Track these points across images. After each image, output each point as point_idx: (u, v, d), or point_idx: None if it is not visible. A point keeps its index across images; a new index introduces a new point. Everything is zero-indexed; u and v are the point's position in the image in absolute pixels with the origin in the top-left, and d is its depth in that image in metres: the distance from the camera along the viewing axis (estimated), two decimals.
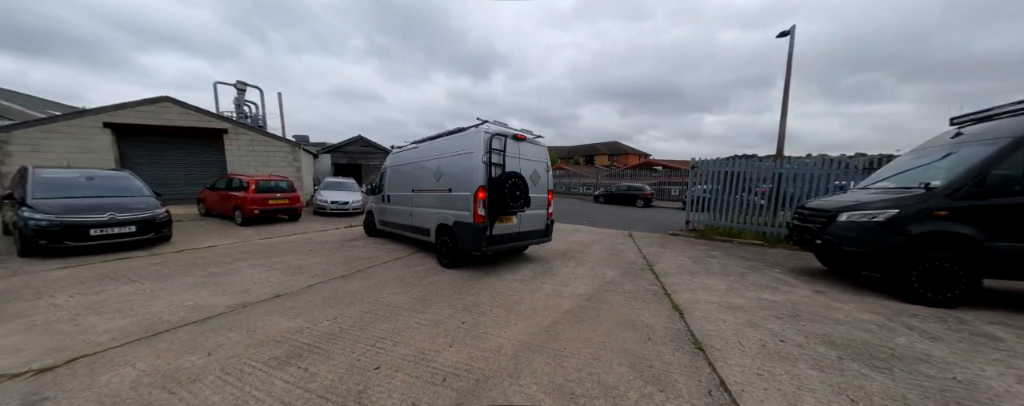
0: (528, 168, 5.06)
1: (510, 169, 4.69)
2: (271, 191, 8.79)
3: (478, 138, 4.47)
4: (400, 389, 2.01)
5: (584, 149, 62.17)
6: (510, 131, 4.85)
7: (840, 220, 4.26)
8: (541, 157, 5.40)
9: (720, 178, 8.45)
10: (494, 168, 4.49)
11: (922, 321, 3.19)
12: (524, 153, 5.03)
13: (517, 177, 4.52)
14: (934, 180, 3.89)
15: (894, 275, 3.79)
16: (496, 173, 4.50)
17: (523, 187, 4.57)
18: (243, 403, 1.88)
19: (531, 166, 5.14)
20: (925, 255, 3.58)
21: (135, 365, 2.24)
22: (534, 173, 5.18)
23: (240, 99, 19.99)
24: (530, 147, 5.17)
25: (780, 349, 2.61)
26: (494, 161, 4.49)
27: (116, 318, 2.98)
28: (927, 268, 3.58)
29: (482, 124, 4.66)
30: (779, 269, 5.20)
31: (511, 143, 4.79)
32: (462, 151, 4.74)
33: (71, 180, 6.02)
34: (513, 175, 4.50)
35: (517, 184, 4.49)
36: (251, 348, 2.49)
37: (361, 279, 4.28)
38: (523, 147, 5.03)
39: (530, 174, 5.06)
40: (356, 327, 2.87)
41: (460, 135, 4.94)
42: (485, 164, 4.38)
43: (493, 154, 4.48)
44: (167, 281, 4.06)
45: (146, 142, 10.92)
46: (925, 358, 2.50)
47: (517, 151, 4.91)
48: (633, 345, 2.63)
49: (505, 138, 4.67)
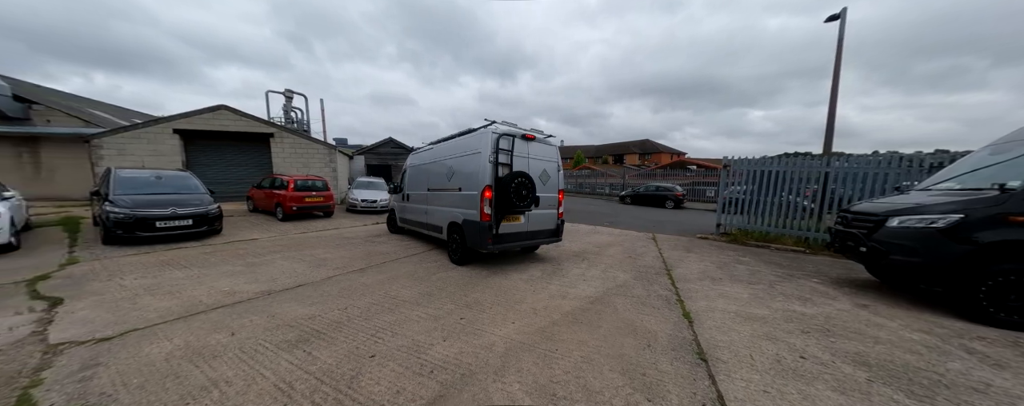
0: (537, 167, 5.06)
1: (518, 169, 4.71)
2: (308, 190, 9.52)
3: (485, 138, 4.54)
4: (389, 378, 2.13)
5: (613, 148, 60.42)
6: (519, 131, 4.87)
7: (889, 226, 3.78)
8: (552, 157, 5.36)
9: (756, 178, 7.85)
10: (501, 168, 4.53)
11: (988, 345, 2.76)
12: (533, 153, 5.03)
13: (524, 176, 4.54)
14: (1013, 180, 3.36)
15: (957, 290, 3.30)
16: (503, 173, 4.53)
17: (530, 186, 4.58)
18: (251, 379, 2.08)
19: (540, 165, 5.12)
20: (998, 268, 3.11)
21: (172, 340, 2.57)
22: (544, 173, 5.16)
23: (288, 106, 21.86)
24: (540, 147, 5.15)
25: (798, 366, 2.39)
26: (501, 161, 4.53)
27: (165, 299, 3.42)
28: (1000, 283, 3.12)
29: (490, 125, 4.72)
30: (818, 279, 4.73)
31: (520, 143, 4.80)
32: (471, 151, 4.84)
33: (144, 179, 6.95)
34: (520, 175, 4.52)
35: (524, 183, 4.51)
36: (268, 331, 2.74)
37: (376, 273, 4.53)
38: (532, 147, 5.02)
39: (539, 173, 5.06)
40: (362, 317, 3.05)
41: (469, 136, 5.04)
42: (491, 164, 4.44)
43: (500, 154, 4.52)
44: (212, 269, 4.56)
45: (206, 145, 12.31)
46: (982, 388, 2.17)
47: (526, 151, 4.91)
48: (630, 351, 2.55)
49: (513, 138, 4.68)
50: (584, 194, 27.59)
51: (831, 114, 8.26)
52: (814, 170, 7.26)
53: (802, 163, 7.45)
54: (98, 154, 10.50)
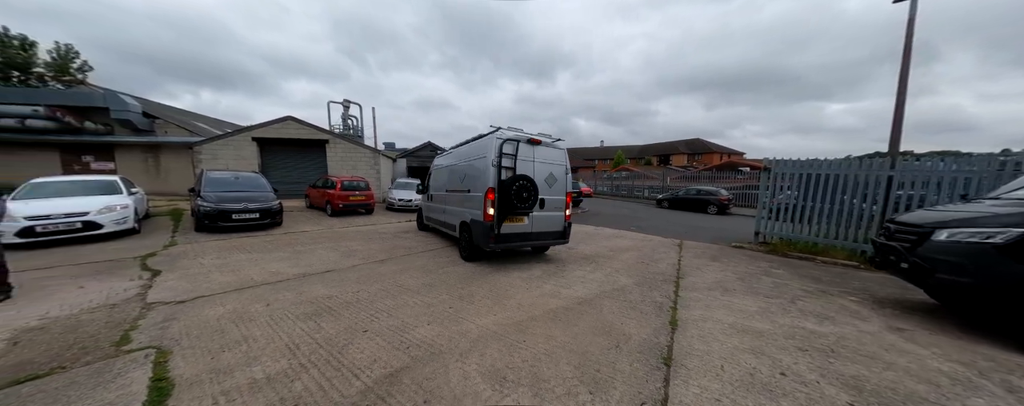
0: (543, 171, 5.22)
1: (522, 172, 4.89)
2: (352, 190, 10.71)
3: (490, 143, 4.83)
4: (371, 349, 2.53)
5: (659, 148, 57.10)
6: (524, 136, 5.08)
7: (936, 239, 3.32)
8: (559, 160, 5.50)
9: (801, 182, 7.13)
10: (504, 171, 4.74)
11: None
12: (539, 156, 5.20)
13: (525, 180, 4.72)
14: None
15: (1015, 319, 2.84)
16: (506, 176, 4.74)
17: (530, 189, 4.76)
18: (271, 339, 2.63)
19: (546, 169, 5.28)
20: None
21: (225, 306, 3.28)
22: (550, 176, 5.29)
23: (345, 114, 24.43)
24: (546, 151, 5.32)
25: (771, 382, 2.28)
26: (505, 164, 4.75)
27: (228, 276, 4.27)
28: None
29: (496, 131, 4.99)
30: (858, 297, 4.22)
31: (525, 147, 5.00)
32: (479, 156, 5.15)
33: (226, 179, 8.46)
34: (521, 178, 4.71)
35: (525, 186, 4.71)
36: (293, 305, 3.35)
37: (393, 264, 5.09)
38: (538, 151, 5.19)
39: (545, 176, 5.21)
40: (368, 300, 3.55)
41: (479, 141, 5.40)
42: (495, 167, 4.69)
43: (504, 158, 4.75)
44: (267, 254, 5.50)
45: (276, 150, 14.38)
46: None
47: (532, 155, 5.11)
48: (594, 350, 2.63)
49: (518, 143, 4.90)
50: (621, 197, 26.59)
51: (899, 108, 7.18)
52: (874, 173, 6.40)
53: (859, 166, 6.61)
54: (198, 158, 12.88)
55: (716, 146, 51.20)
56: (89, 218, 6.06)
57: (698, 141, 53.66)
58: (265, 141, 13.94)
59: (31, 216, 5.62)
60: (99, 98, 14.30)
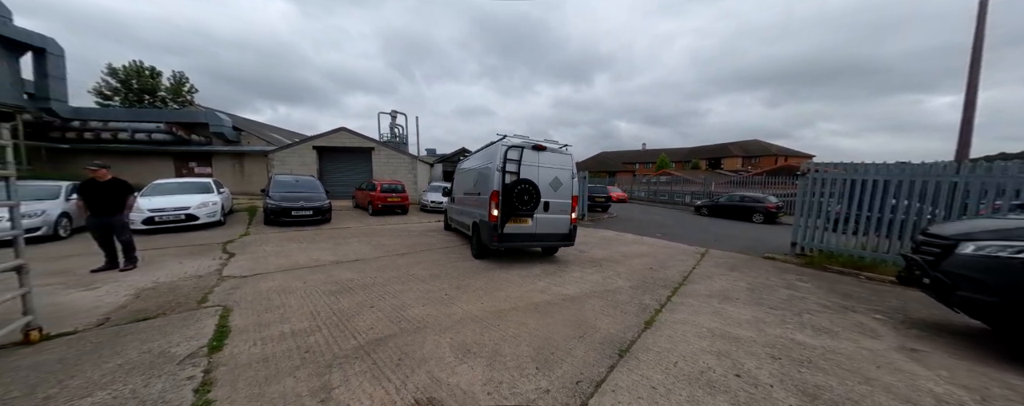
0: (548, 175, 5.49)
1: (526, 176, 5.20)
2: (390, 192, 11.93)
3: (497, 150, 5.21)
4: (371, 320, 3.13)
5: (708, 150, 53.04)
6: (529, 142, 5.41)
7: (961, 252, 3.04)
8: (564, 165, 5.75)
9: (846, 188, 6.52)
10: (509, 175, 5.09)
11: None
12: (544, 162, 5.48)
13: (527, 183, 5.07)
14: None
15: None
16: (510, 180, 5.09)
17: (532, 192, 5.10)
18: (301, 306, 3.37)
19: (551, 173, 5.53)
20: None
21: (274, 281, 4.15)
22: (555, 180, 5.55)
23: (392, 123, 26.73)
24: (552, 156, 5.59)
25: (719, 380, 2.32)
26: (509, 169, 5.10)
27: (281, 260, 5.27)
28: None
29: (502, 138, 5.39)
30: (885, 315, 3.83)
31: (530, 153, 5.33)
32: (488, 161, 5.55)
33: (288, 182, 10.03)
34: (524, 182, 5.06)
35: (527, 190, 5.06)
36: (323, 284, 4.12)
37: (411, 257, 5.78)
38: (544, 156, 5.48)
39: (550, 181, 5.48)
40: (380, 284, 4.21)
41: (489, 148, 5.84)
42: (499, 172, 5.06)
43: (508, 163, 5.09)
44: (313, 245, 6.54)
45: (332, 157, 16.40)
46: None
47: (537, 160, 5.41)
48: (559, 338, 2.89)
49: (522, 149, 5.23)
50: (659, 203, 25.39)
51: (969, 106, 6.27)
52: (935, 178, 5.69)
53: (915, 170, 5.91)
54: (271, 164, 15.20)
55: (777, 148, 46.30)
56: (190, 212, 7.71)
57: (755, 143, 49.00)
58: (323, 149, 15.99)
59: (152, 209, 7.33)
60: (202, 116, 17.54)
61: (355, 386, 2.12)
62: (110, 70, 23.93)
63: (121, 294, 3.65)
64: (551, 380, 2.28)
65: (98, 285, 3.93)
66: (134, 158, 16.62)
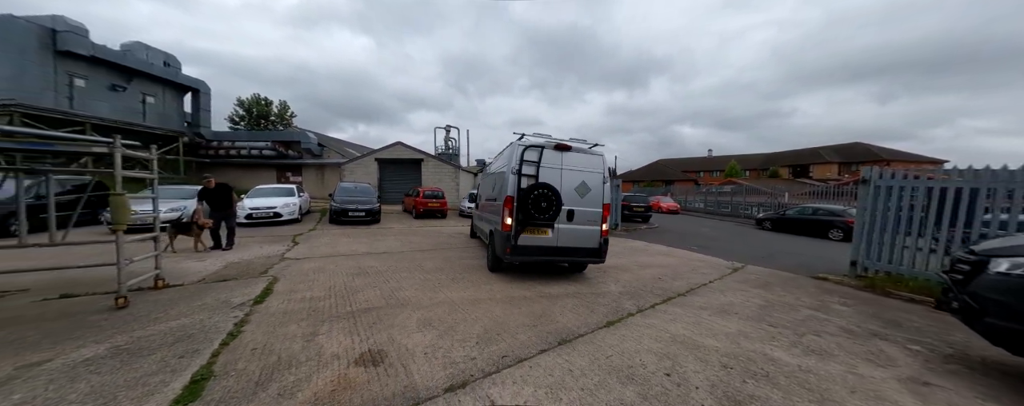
0: (573, 179, 4.73)
1: (545, 180, 4.55)
2: (430, 198, 13.29)
3: (512, 151, 4.70)
4: (371, 295, 3.89)
5: (792, 156, 46.11)
6: (550, 141, 4.75)
7: (992, 271, 2.61)
8: (593, 167, 4.86)
9: (920, 198, 5.51)
10: (525, 179, 4.48)
11: None
12: (569, 163, 4.74)
13: (545, 188, 4.40)
14: None
15: None
16: (526, 184, 4.47)
17: (550, 198, 4.42)
18: (324, 282, 4.32)
19: (577, 177, 4.77)
20: None
21: (315, 263, 5.27)
22: (581, 185, 4.75)
23: (446, 137, 29.30)
24: (578, 156, 4.82)
25: (643, 375, 2.40)
26: (526, 172, 4.49)
27: (327, 249, 6.52)
28: None
29: (520, 137, 4.80)
30: (923, 346, 3.28)
31: (551, 153, 4.65)
32: (505, 164, 5.02)
33: (349, 188, 11.96)
34: (541, 186, 4.40)
35: (544, 195, 4.37)
36: (349, 268, 5.09)
37: (429, 253, 6.58)
38: (567, 157, 4.74)
39: (576, 186, 4.73)
40: (392, 270, 5.03)
41: (507, 149, 5.28)
42: (514, 175, 4.47)
43: (525, 165, 4.48)
44: (356, 239, 7.83)
45: (390, 168, 18.76)
46: None
47: (559, 161, 4.69)
48: (512, 325, 3.21)
49: (541, 149, 4.58)
50: (719, 215, 22.97)
51: None
52: None
53: (1010, 177, 4.80)
54: (342, 173, 18.04)
55: (889, 152, 38.20)
56: (275, 210, 9.79)
57: (857, 146, 41.12)
58: (382, 161, 18.43)
59: (252, 207, 9.53)
60: (296, 136, 21.66)
61: (333, 336, 2.83)
62: (239, 102, 30.99)
63: (217, 265, 5.07)
64: (481, 352, 2.67)
65: (206, 259, 5.49)
66: (250, 168, 21.13)
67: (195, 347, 2.56)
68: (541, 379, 2.33)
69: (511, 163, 4.63)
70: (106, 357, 2.38)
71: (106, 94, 16.58)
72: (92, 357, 2.37)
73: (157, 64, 18.27)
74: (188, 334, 2.77)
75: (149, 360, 2.36)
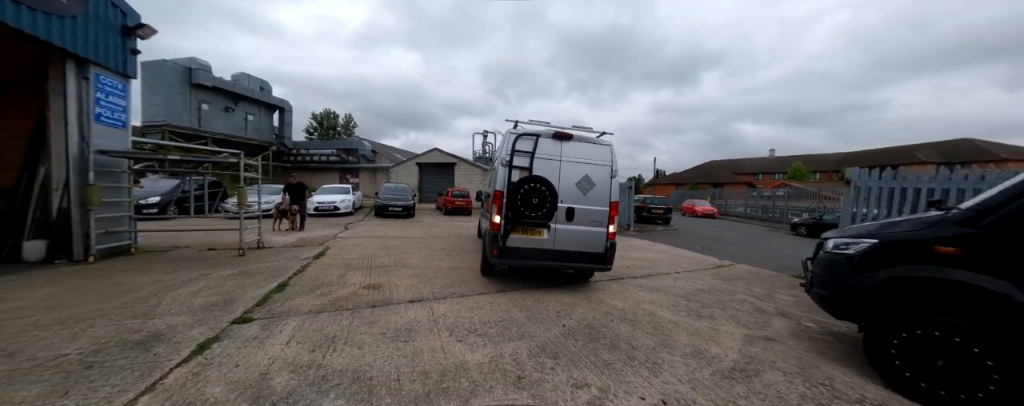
0: (574, 173, 4.17)
1: (540, 173, 4.02)
2: (457, 197, 15.19)
3: (505, 140, 4.33)
4: (385, 259, 5.59)
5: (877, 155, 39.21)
6: (547, 130, 4.23)
7: (825, 250, 3.18)
8: (599, 159, 4.25)
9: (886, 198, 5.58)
10: (515, 171, 4.01)
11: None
12: (569, 154, 4.18)
13: (537, 182, 3.89)
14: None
15: (868, 339, 2.67)
16: (517, 177, 3.98)
17: (543, 193, 3.91)
18: (358, 250, 6.15)
19: (580, 170, 4.19)
20: (918, 318, 2.30)
21: (354, 240, 7.24)
22: (585, 179, 4.18)
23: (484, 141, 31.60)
24: (581, 147, 4.24)
25: (541, 315, 3.76)
26: (517, 163, 4.01)
27: (366, 233, 8.55)
28: (919, 339, 2.27)
29: (514, 125, 4.32)
30: (818, 324, 3.65)
31: (548, 143, 4.13)
32: (499, 156, 4.53)
33: (391, 187, 14.34)
34: (533, 179, 3.90)
35: (535, 190, 3.87)
36: (377, 244, 6.93)
37: (441, 240, 8.22)
38: (568, 147, 4.19)
39: (577, 180, 4.17)
40: (408, 247, 6.74)
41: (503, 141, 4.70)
42: (504, 167, 4.01)
43: (517, 156, 4.00)
44: (390, 228, 9.84)
45: (428, 171, 21.27)
46: None
47: (557, 152, 4.15)
48: (473, 281, 4.63)
49: (537, 137, 4.07)
50: (759, 220, 21.60)
51: None
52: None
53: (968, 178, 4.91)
54: (389, 176, 21.00)
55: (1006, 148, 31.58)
56: (335, 205, 12.39)
57: (964, 143, 34.45)
58: (422, 164, 21.03)
59: (318, 202, 12.21)
60: (355, 144, 25.46)
61: (355, 276, 4.53)
62: (313, 116, 36.93)
63: (292, 239, 7.27)
64: (441, 291, 4.11)
65: (288, 235, 7.80)
66: (319, 171, 25.30)
67: (279, 275, 4.43)
68: (466, 303, 3.70)
69: (501, 154, 4.25)
70: (236, 275, 4.33)
71: (221, 114, 21.51)
72: (230, 274, 4.35)
73: (255, 89, 23.13)
74: (276, 269, 4.69)
75: (257, 277, 4.26)
